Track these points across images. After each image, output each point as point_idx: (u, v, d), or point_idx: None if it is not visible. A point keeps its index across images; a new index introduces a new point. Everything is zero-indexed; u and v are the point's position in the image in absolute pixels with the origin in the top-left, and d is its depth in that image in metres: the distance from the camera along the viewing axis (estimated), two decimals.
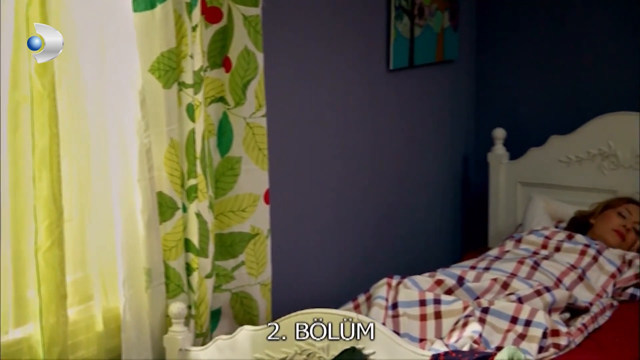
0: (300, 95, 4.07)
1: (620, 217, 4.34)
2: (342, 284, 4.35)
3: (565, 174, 4.74)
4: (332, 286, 4.31)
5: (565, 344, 3.56)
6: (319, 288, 4.26)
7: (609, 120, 4.64)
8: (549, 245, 4.21)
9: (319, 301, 4.02)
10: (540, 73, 4.90)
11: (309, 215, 4.21)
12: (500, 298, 3.74)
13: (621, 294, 4.11)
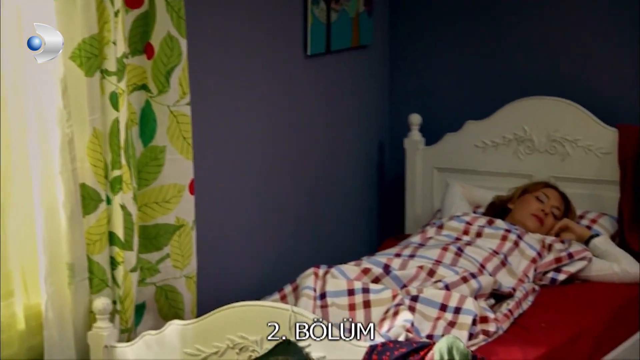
0: (223, 83, 3.99)
1: (538, 201, 4.35)
2: (266, 275, 4.28)
3: (481, 159, 4.74)
4: (255, 277, 4.24)
5: (494, 330, 3.56)
6: (243, 279, 4.18)
7: (524, 105, 4.65)
8: (471, 231, 4.20)
9: (244, 293, 3.96)
10: (455, 58, 4.89)
11: (232, 206, 4.13)
12: (428, 285, 3.72)
13: (542, 279, 4.13)
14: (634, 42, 4.53)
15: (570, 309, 3.88)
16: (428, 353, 2.97)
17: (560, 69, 4.68)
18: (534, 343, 3.54)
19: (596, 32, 4.61)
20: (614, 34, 4.58)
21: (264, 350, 3.14)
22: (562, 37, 4.67)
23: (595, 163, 4.53)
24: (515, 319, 3.74)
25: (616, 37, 4.58)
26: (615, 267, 4.16)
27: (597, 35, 4.61)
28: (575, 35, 4.65)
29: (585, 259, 4.15)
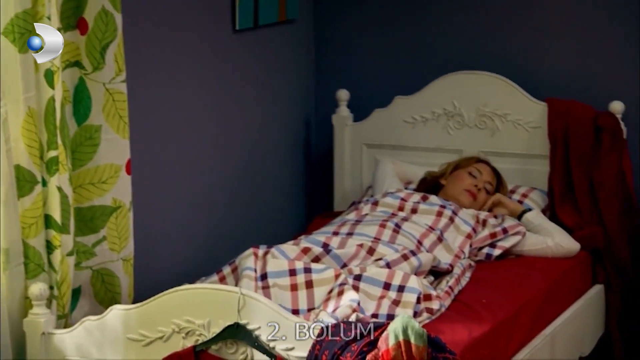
0: (153, 59, 3.87)
1: (471, 176, 4.34)
2: (201, 257, 4.19)
3: (411, 134, 4.70)
4: (191, 259, 4.14)
5: (437, 308, 3.54)
6: (178, 262, 4.08)
7: (453, 80, 4.62)
8: (406, 207, 4.17)
9: (180, 275, 3.87)
10: (383, 33, 4.83)
11: (165, 186, 4.03)
12: (369, 264, 3.67)
13: (477, 254, 4.12)
14: (563, 15, 4.54)
15: (508, 285, 3.88)
16: (382, 333, 2.92)
17: (489, 44, 4.66)
18: (478, 320, 3.52)
19: (524, 6, 4.61)
20: (543, 6, 4.58)
21: (211, 334, 3.06)
22: (491, 11, 4.66)
23: (524, 137, 4.53)
24: (456, 295, 3.73)
25: (545, 10, 4.58)
26: (549, 242, 4.17)
27: (525, 9, 4.61)
28: (504, 9, 4.64)
29: (520, 233, 4.15)
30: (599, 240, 4.29)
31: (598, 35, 4.51)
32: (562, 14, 4.55)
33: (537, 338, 3.81)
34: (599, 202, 4.34)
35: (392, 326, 2.91)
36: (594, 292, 4.30)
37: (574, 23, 4.54)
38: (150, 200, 3.87)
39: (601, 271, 4.34)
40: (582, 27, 4.53)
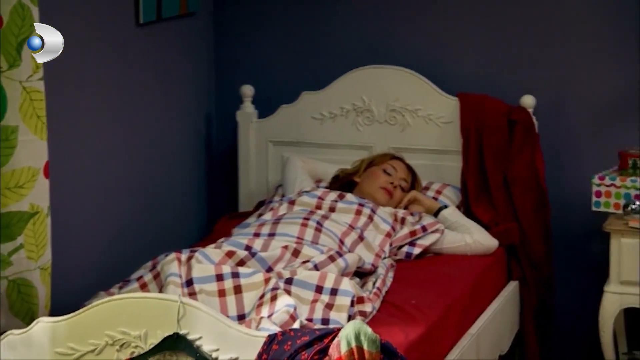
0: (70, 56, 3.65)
1: (386, 174, 4.26)
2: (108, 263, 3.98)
3: (319, 131, 4.59)
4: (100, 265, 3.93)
5: (370, 311, 3.43)
6: (87, 269, 3.87)
7: (361, 75, 4.53)
8: (323, 205, 4.06)
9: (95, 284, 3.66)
10: (288, 26, 4.70)
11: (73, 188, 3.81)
12: (295, 266, 3.55)
13: (396, 253, 4.04)
14: (472, 10, 4.51)
15: (433, 284, 3.81)
16: (333, 340, 2.80)
17: (399, 38, 4.59)
18: (411, 322, 3.43)
19: (433, 0, 4.55)
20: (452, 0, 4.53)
21: (148, 346, 2.88)
22: (401, 6, 4.58)
23: (436, 133, 4.48)
24: (383, 296, 3.63)
25: (453, 4, 4.53)
26: (468, 239, 4.12)
27: (435, 4, 4.55)
28: (414, 3, 4.57)
29: (439, 231, 4.09)
30: (515, 236, 4.27)
31: (507, 30, 4.49)
32: (471, 8, 4.51)
33: (465, 338, 3.75)
34: (514, 197, 4.32)
35: (343, 332, 2.80)
36: (510, 288, 4.27)
37: (483, 17, 4.50)
38: (62, 205, 3.65)
39: (516, 267, 4.31)
40: (491, 21, 4.50)
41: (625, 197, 4.15)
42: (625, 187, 4.16)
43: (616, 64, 4.37)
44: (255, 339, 2.85)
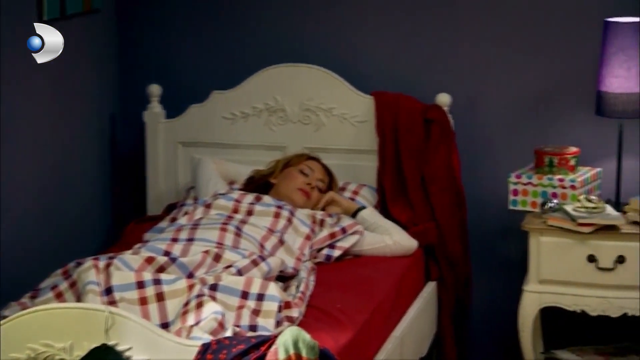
0: None
1: (303, 175, 4.16)
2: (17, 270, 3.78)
3: (230, 131, 4.46)
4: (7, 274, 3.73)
5: (297, 316, 3.33)
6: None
7: (274, 73, 4.42)
8: (241, 209, 3.94)
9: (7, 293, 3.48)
10: (197, 23, 4.55)
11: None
12: (217, 271, 3.42)
13: (316, 256, 3.94)
14: (385, 8, 4.44)
15: (356, 287, 3.72)
16: (270, 348, 2.69)
17: (312, 36, 4.50)
18: (339, 327, 3.34)
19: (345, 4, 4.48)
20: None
21: (75, 358, 2.72)
22: (313, 3, 4.49)
23: (351, 132, 4.40)
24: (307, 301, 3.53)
25: (367, 3, 4.46)
26: (388, 240, 4.05)
27: (347, 2, 4.47)
28: (325, 1, 4.48)
29: (358, 232, 4.01)
30: (433, 236, 4.22)
31: (421, 27, 4.44)
32: (384, 7, 4.45)
33: (389, 341, 3.68)
34: (431, 197, 4.27)
35: (281, 339, 2.70)
36: (429, 289, 4.21)
37: (397, 15, 4.44)
38: None
39: (434, 268, 4.26)
40: (405, 19, 4.44)
41: (542, 196, 4.14)
42: (542, 186, 4.15)
43: (531, 62, 4.36)
44: (188, 348, 2.72)
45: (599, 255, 3.97)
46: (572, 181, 4.11)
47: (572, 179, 4.12)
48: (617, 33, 4.02)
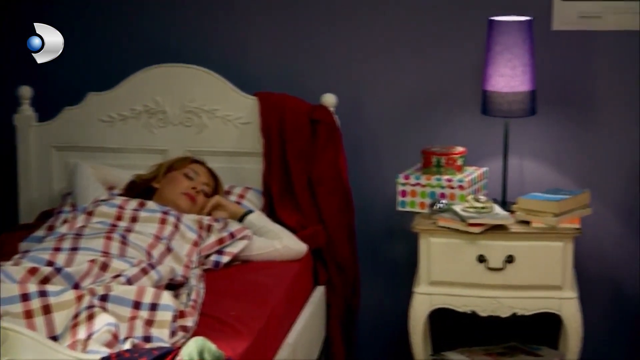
0: None
1: (187, 179, 4.01)
2: None
3: (108, 134, 4.29)
4: None
5: (191, 325, 3.19)
6: None
7: (154, 74, 4.27)
8: (124, 215, 3.77)
9: None
10: (71, 22, 4.36)
11: None
12: (106, 281, 3.25)
13: (204, 262, 3.81)
14: (269, 7, 4.35)
15: (248, 293, 3.60)
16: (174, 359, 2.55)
17: (193, 35, 4.38)
18: (235, 335, 3.22)
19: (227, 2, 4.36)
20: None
21: None
22: (192, 1, 4.35)
23: (235, 134, 4.29)
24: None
25: (250, 2, 4.35)
26: (277, 244, 3.95)
27: (229, 1, 4.35)
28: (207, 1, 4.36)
29: (247, 237, 3.89)
30: (322, 239, 4.13)
31: (305, 27, 4.36)
32: (267, 5, 4.35)
33: (283, 348, 3.58)
34: (318, 199, 4.19)
35: (185, 350, 2.57)
36: (318, 294, 4.13)
37: (280, 14, 4.36)
38: None
39: (323, 271, 4.17)
40: (289, 18, 4.37)
41: (430, 196, 4.10)
42: (430, 186, 4.11)
43: (416, 62, 4.32)
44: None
45: (489, 256, 3.95)
46: (460, 181, 4.08)
47: (460, 179, 4.09)
48: (501, 32, 4.01)
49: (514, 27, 4.00)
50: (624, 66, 4.22)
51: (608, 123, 4.26)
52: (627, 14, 4.20)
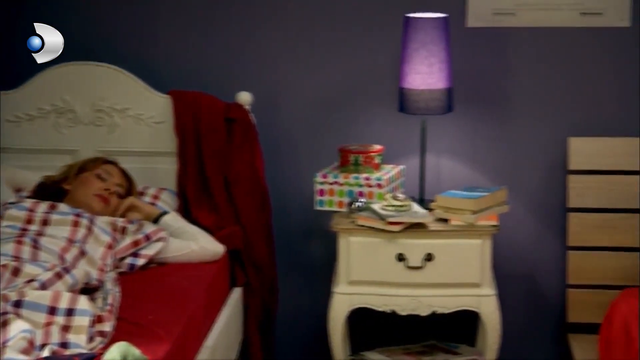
0: None
1: (100, 180, 3.90)
2: None
3: (15, 135, 4.16)
4: None
5: (109, 330, 3.10)
6: None
7: (62, 72, 4.14)
8: (35, 219, 3.65)
9: None
10: None
11: None
12: (19, 286, 3.13)
13: (119, 265, 3.70)
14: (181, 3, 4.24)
15: (166, 296, 3.53)
16: None
17: (102, 32, 4.26)
18: (155, 339, 3.12)
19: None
20: None
21: None
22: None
23: (148, 133, 4.19)
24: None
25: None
26: (193, 245, 3.86)
27: None
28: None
29: (163, 239, 3.80)
30: (239, 240, 4.05)
31: (218, 23, 4.27)
32: (180, 2, 4.26)
33: (202, 351, 3.50)
34: (235, 199, 4.11)
35: (108, 356, 2.52)
36: (236, 296, 4.05)
37: (192, 10, 4.28)
38: None
39: (240, 273, 4.10)
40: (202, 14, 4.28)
41: (349, 195, 4.05)
42: (348, 185, 4.06)
43: (332, 59, 4.28)
44: None
45: (408, 254, 3.92)
46: (378, 179, 4.04)
47: (378, 178, 4.05)
48: (417, 29, 3.98)
49: (430, 24, 3.98)
50: (538, 63, 4.24)
51: (523, 120, 4.27)
52: (540, 11, 4.22)
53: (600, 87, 4.23)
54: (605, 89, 4.23)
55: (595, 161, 4.20)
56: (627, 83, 4.20)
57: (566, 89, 4.24)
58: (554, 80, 4.24)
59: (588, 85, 4.23)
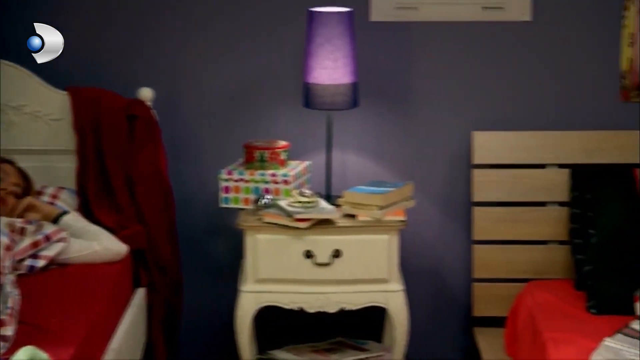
0: None
1: None
2: None
3: None
4: None
5: (11, 334, 2.99)
6: None
7: None
8: None
9: None
10: None
11: None
12: None
13: (17, 267, 3.58)
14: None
15: (67, 298, 3.45)
16: None
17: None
18: (59, 343, 3.05)
19: None
20: None
21: None
22: None
23: (45, 131, 4.09)
24: None
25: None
26: (96, 246, 3.77)
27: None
28: None
29: (64, 239, 3.70)
30: (142, 240, 3.96)
31: (115, 17, 4.19)
32: None
33: (108, 354, 3.41)
34: (138, 197, 4.03)
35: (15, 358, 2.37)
36: (139, 296, 3.95)
37: (93, 3, 4.18)
38: None
39: (144, 273, 4.01)
40: (98, 7, 4.18)
41: (255, 192, 3.99)
42: (254, 181, 4.00)
43: (236, 54, 4.21)
44: None
45: (316, 251, 3.88)
46: (284, 176, 3.99)
47: (284, 174, 4.00)
48: (322, 23, 3.94)
49: (334, 18, 3.94)
50: (441, 57, 4.23)
51: (428, 114, 4.27)
52: (442, 5, 4.22)
53: (503, 81, 4.24)
54: (508, 83, 4.24)
55: (499, 155, 4.22)
56: (530, 77, 4.23)
57: (469, 83, 4.24)
58: (458, 75, 4.24)
59: (491, 80, 4.24)
